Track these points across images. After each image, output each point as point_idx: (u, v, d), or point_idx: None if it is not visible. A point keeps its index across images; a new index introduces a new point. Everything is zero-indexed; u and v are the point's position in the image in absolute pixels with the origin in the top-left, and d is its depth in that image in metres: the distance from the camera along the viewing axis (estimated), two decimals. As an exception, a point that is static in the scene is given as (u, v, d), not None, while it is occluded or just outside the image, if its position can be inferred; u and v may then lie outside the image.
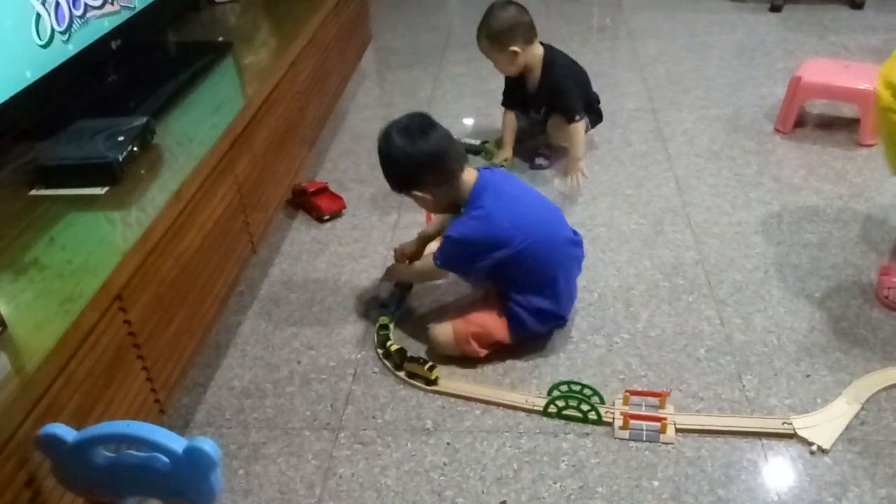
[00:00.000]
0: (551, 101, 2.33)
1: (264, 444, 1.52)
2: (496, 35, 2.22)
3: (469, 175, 1.63)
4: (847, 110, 2.56)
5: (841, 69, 2.51)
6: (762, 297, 1.80)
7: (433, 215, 1.91)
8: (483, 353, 1.66)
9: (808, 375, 1.57)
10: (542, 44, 2.31)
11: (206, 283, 1.53)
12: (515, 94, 2.43)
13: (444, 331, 1.68)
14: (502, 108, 2.49)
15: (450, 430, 1.52)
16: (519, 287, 1.64)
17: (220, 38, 2.19)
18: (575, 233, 1.74)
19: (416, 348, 1.72)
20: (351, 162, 2.57)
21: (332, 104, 2.61)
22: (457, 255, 1.64)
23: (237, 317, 1.88)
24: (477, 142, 2.53)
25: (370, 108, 2.98)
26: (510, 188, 1.67)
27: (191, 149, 1.53)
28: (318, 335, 1.80)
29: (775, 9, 3.55)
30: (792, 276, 1.86)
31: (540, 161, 2.42)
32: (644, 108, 2.75)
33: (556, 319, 1.69)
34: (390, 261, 1.97)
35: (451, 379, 1.63)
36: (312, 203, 2.24)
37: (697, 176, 2.32)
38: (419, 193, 1.63)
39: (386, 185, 1.67)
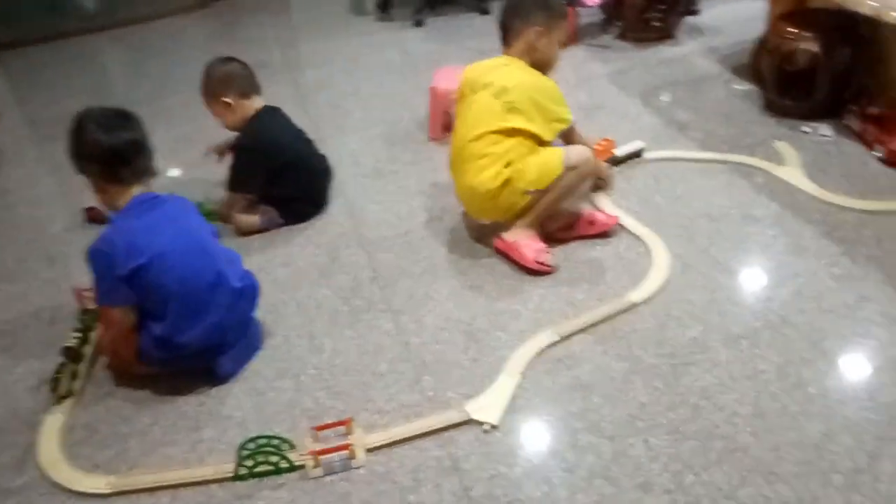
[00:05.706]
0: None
1: None
2: (209, 84, 2.21)
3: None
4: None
5: (468, 73, 2.76)
6: (431, 298, 1.92)
7: None
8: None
9: (475, 360, 1.70)
10: (269, 106, 2.27)
11: None
12: None
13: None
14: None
15: (137, 527, 1.41)
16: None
17: None
18: (240, 279, 1.73)
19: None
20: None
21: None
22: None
23: None
24: None
25: (13, 193, 2.69)
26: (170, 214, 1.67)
27: None
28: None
29: (418, 23, 3.84)
30: (455, 271, 2.01)
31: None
32: (311, 137, 2.79)
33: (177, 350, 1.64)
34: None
35: (130, 474, 1.52)
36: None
37: (365, 196, 2.41)
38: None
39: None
